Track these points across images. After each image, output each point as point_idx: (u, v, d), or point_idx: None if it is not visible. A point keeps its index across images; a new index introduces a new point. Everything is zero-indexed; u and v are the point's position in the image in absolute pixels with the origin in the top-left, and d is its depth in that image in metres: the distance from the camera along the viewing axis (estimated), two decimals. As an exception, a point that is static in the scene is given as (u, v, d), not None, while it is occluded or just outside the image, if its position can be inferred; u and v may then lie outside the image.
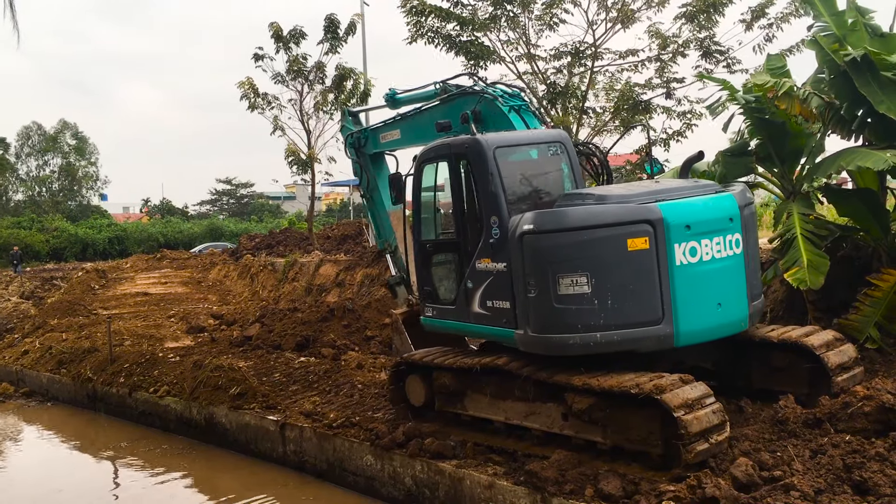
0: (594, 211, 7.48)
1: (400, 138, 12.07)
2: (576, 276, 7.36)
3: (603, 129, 20.41)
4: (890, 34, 10.61)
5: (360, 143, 12.94)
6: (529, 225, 7.63)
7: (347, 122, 13.63)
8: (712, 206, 7.87)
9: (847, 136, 10.55)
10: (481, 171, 8.34)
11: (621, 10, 19.07)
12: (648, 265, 7.35)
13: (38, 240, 54.35)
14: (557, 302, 7.45)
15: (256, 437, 11.45)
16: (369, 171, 13.07)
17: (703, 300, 7.60)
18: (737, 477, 6.51)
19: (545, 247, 7.52)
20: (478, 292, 8.45)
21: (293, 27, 26.45)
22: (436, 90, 11.38)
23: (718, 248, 7.72)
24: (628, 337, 7.38)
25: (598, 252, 7.36)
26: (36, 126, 71.75)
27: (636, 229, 7.34)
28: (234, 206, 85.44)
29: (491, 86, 10.40)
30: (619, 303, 7.35)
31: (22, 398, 17.31)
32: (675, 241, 7.39)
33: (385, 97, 13.02)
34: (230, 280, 27.74)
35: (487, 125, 9.65)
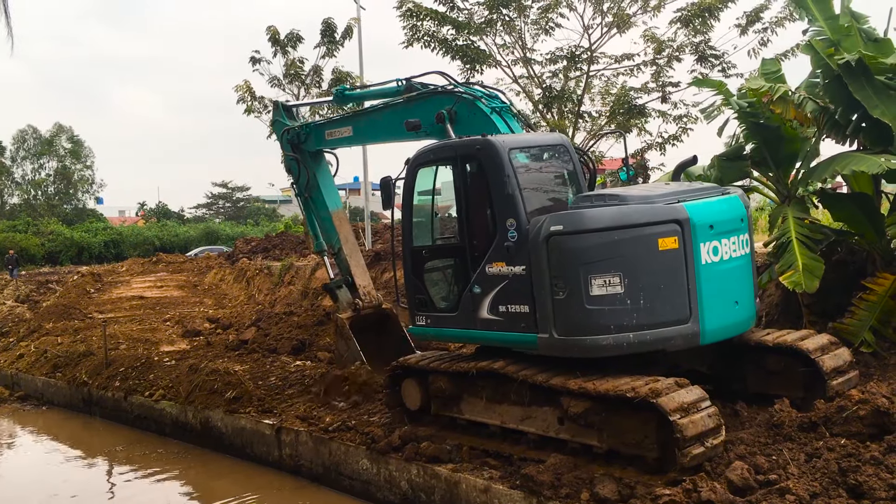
0: (625, 211, 7.50)
1: (352, 136, 11.67)
2: (609, 276, 7.36)
3: (599, 133, 20.42)
4: (884, 39, 10.64)
5: (299, 139, 12.44)
6: (558, 226, 7.54)
7: (281, 117, 13.04)
8: (727, 206, 8.04)
9: (842, 141, 10.57)
10: (496, 174, 8.16)
11: (617, 14, 19.10)
12: (677, 264, 7.42)
13: (34, 243, 54.23)
14: (590, 303, 7.40)
15: (252, 441, 11.43)
16: (309, 169, 12.54)
17: (724, 298, 7.74)
18: (732, 481, 6.52)
19: (576, 248, 7.46)
20: (487, 297, 8.30)
21: (290, 31, 26.54)
22: (398, 87, 10.96)
23: (734, 247, 7.89)
24: (660, 336, 7.42)
25: (631, 252, 7.38)
26: (31, 129, 71.57)
27: (666, 229, 7.41)
28: (230, 210, 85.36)
29: (464, 85, 10.18)
30: (651, 302, 7.39)
31: (17, 402, 17.27)
32: (701, 241, 7.50)
33: (335, 92, 12.51)
34: (226, 284, 27.71)
35: (461, 126, 9.43)
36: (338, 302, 12.96)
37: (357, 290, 12.71)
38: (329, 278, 13.32)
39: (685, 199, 7.73)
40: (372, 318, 12.72)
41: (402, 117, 10.24)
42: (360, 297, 12.65)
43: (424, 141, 10.02)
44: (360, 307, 12.53)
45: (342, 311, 12.76)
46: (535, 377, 7.84)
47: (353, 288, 12.73)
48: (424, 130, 9.96)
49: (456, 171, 8.67)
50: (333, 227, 12.69)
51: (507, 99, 10.04)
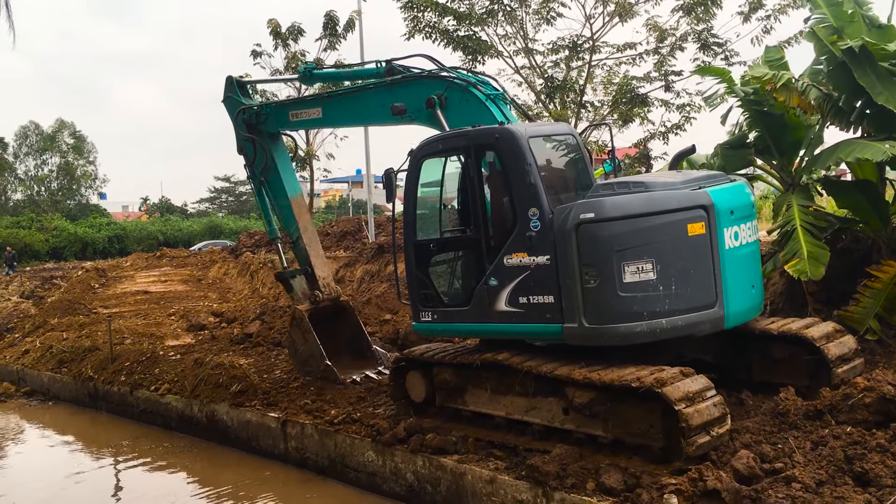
0: (654, 197, 7.51)
1: (321, 118, 11.22)
2: (642, 262, 7.36)
3: (594, 124, 20.37)
4: (888, 25, 10.59)
5: (257, 120, 11.82)
6: (588, 213, 7.48)
7: (234, 94, 12.25)
8: (741, 192, 8.13)
9: (846, 128, 10.53)
10: (517, 163, 8.02)
11: (619, 3, 19.03)
12: (705, 249, 7.48)
13: (38, 239, 54.30)
14: (623, 290, 7.38)
15: (258, 434, 11.45)
16: (267, 150, 11.89)
17: (743, 283, 7.86)
18: (738, 469, 6.52)
19: (608, 235, 7.42)
20: (506, 290, 8.18)
21: (291, 24, 26.49)
22: (378, 69, 10.65)
23: (749, 232, 8.01)
24: (690, 321, 7.46)
25: (662, 238, 7.41)
26: (34, 126, 71.65)
27: (694, 215, 7.45)
28: (233, 204, 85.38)
29: (454, 70, 9.93)
30: (682, 288, 7.43)
31: (23, 397, 17.32)
32: (724, 226, 7.58)
33: (300, 70, 11.99)
34: (230, 278, 27.72)
35: (452, 113, 9.26)
36: (292, 293, 12.55)
37: (316, 282, 12.29)
38: (283, 267, 12.88)
39: (706, 186, 7.79)
40: (329, 311, 12.40)
41: (384, 100, 9.94)
42: (320, 289, 12.25)
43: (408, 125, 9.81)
44: (318, 299, 12.16)
45: (298, 301, 12.38)
46: (540, 368, 7.84)
47: (313, 279, 12.30)
48: (409, 115, 9.68)
49: (470, 162, 8.50)
50: (292, 215, 12.19)
51: (501, 86, 9.87)
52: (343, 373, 11.76)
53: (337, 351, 12.11)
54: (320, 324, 12.10)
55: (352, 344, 12.53)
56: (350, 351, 12.48)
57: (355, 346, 12.53)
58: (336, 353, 12.06)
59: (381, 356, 12.32)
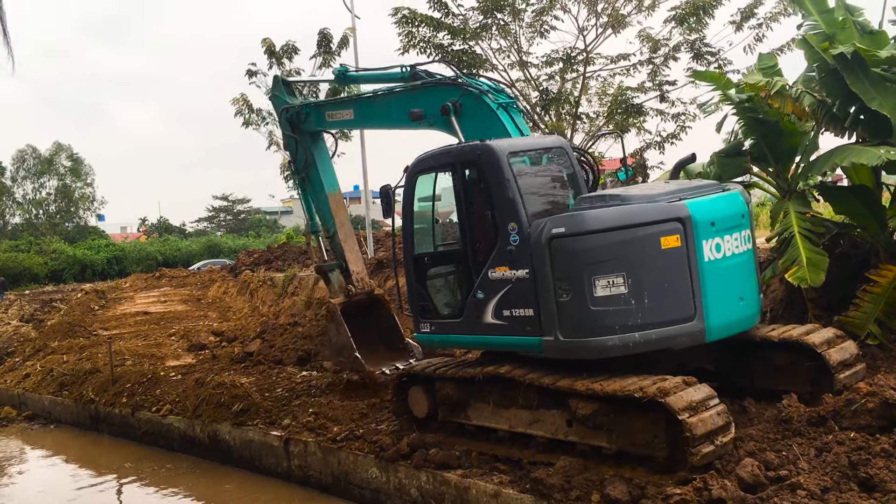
0: (626, 211, 7.50)
1: (353, 119, 11.53)
2: (612, 276, 7.37)
3: (597, 134, 20.42)
4: (879, 31, 10.64)
5: (298, 118, 12.23)
6: (560, 228, 7.55)
7: (281, 93, 12.78)
8: (728, 202, 8.04)
9: (840, 134, 10.57)
10: (496, 178, 8.17)
11: (611, 14, 19.11)
12: (680, 262, 7.43)
13: (37, 262, 54.27)
14: (594, 304, 7.41)
15: (261, 452, 11.42)
16: (307, 148, 12.34)
17: (728, 295, 7.75)
18: (743, 478, 6.51)
19: (579, 249, 7.47)
20: (491, 302, 8.29)
21: (286, 42, 26.51)
22: (402, 73, 10.84)
23: (737, 243, 7.89)
24: (665, 335, 7.42)
25: (634, 252, 7.39)
26: (31, 149, 71.67)
27: (668, 227, 7.41)
28: (231, 223, 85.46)
29: (473, 77, 10.11)
30: (655, 301, 7.39)
31: (25, 421, 17.29)
32: (703, 238, 7.51)
33: (334, 72, 12.35)
34: (230, 296, 27.68)
35: (466, 119, 9.36)
36: (330, 285, 12.85)
37: (350, 276, 12.59)
38: (323, 259, 13.19)
39: (686, 197, 7.74)
40: (363, 304, 12.62)
41: (405, 105, 10.15)
42: (353, 283, 12.54)
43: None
44: (352, 293, 12.44)
45: (334, 295, 12.66)
46: (542, 380, 7.83)
47: (347, 273, 12.62)
48: (428, 120, 9.83)
49: (456, 178, 8.68)
50: (329, 210, 12.54)
51: (514, 94, 9.96)
52: (375, 365, 11.87)
53: (371, 343, 12.27)
54: (354, 317, 12.30)
55: (385, 336, 12.69)
56: (384, 343, 12.63)
57: (389, 339, 12.68)
58: (370, 345, 12.21)
59: (414, 349, 12.44)
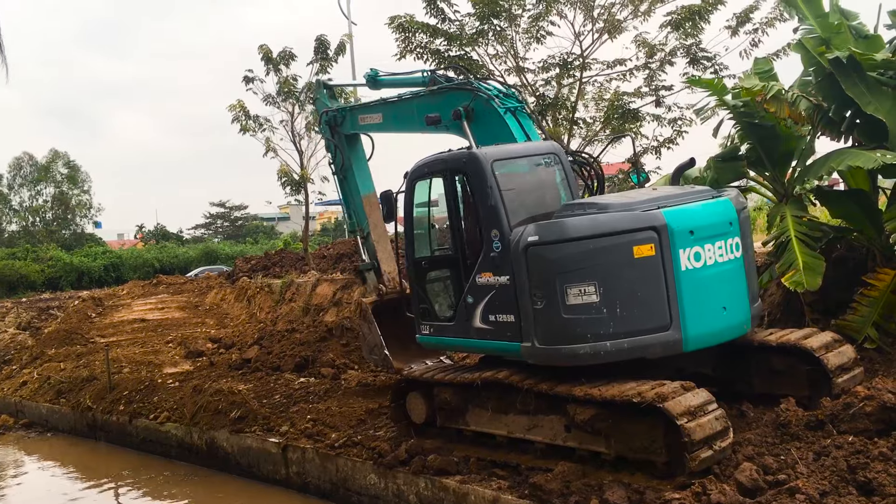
0: (599, 220, 7.52)
1: (381, 122, 11.78)
2: (584, 285, 7.38)
3: (594, 139, 20.46)
4: (874, 35, 10.69)
5: (336, 122, 12.59)
6: (534, 236, 7.62)
7: (322, 96, 13.24)
8: (712, 210, 7.97)
9: (836, 138, 10.60)
10: (480, 185, 8.31)
11: (607, 20, 19.16)
12: (655, 272, 7.40)
13: (34, 270, 54.07)
14: (566, 312, 7.45)
15: (259, 459, 11.39)
16: (344, 151, 12.73)
17: (708, 304, 7.68)
18: (741, 482, 6.51)
19: (552, 257, 7.53)
20: (479, 307, 8.40)
21: (282, 49, 26.54)
22: (423, 78, 11.15)
23: (721, 252, 7.81)
24: (638, 344, 7.41)
25: (605, 260, 7.40)
26: (27, 157, 71.53)
27: (642, 236, 7.40)
28: (228, 229, 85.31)
29: (484, 81, 10.25)
30: (628, 310, 7.39)
31: (22, 429, 17.23)
32: (680, 247, 7.47)
33: (366, 77, 12.66)
34: (227, 303, 27.62)
35: (479, 124, 9.49)
36: (366, 285, 13.26)
37: (382, 276, 12.91)
38: (361, 260, 13.56)
39: (666, 205, 7.69)
40: (395, 303, 12.76)
41: (424, 110, 10.36)
42: (385, 283, 12.84)
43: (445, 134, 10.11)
44: (383, 292, 12.75)
45: (368, 295, 13.03)
46: (540, 385, 7.83)
47: (379, 273, 12.96)
48: (444, 125, 10.04)
49: (447, 184, 8.84)
50: (364, 212, 12.92)
51: (522, 97, 10.07)
52: (405, 362, 11.95)
53: (403, 340, 12.26)
54: (387, 315, 12.49)
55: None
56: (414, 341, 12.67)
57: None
58: (402, 342, 12.25)
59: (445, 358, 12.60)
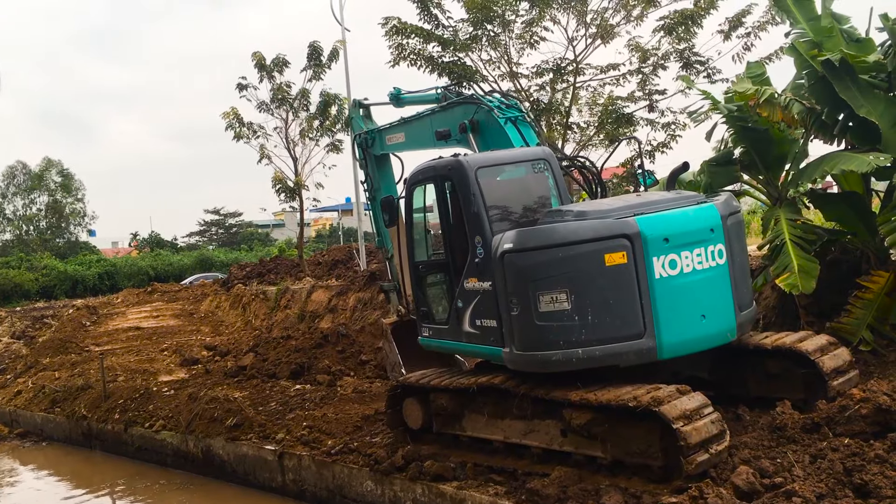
0: (571, 227, 7.53)
1: (404, 142, 12.01)
2: (555, 292, 7.44)
3: (588, 144, 20.51)
4: (866, 39, 10.72)
5: (367, 144, 12.86)
6: (509, 244, 7.70)
7: (357, 117, 13.47)
8: (692, 217, 7.85)
9: (829, 141, 10.63)
10: (465, 192, 8.42)
11: (600, 25, 19.22)
12: (627, 279, 7.39)
13: (28, 279, 53.92)
14: (539, 319, 7.51)
15: (255, 467, 11.36)
16: (373, 172, 12.99)
17: (685, 312, 7.60)
18: (738, 486, 6.51)
19: (525, 265, 7.60)
20: (467, 311, 8.51)
21: (276, 56, 26.54)
22: (437, 95, 11.33)
23: (700, 259, 7.69)
24: (610, 352, 7.41)
25: (577, 268, 7.41)
26: (21, 165, 71.40)
27: (613, 244, 7.39)
28: (223, 236, 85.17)
29: (488, 94, 10.36)
30: (600, 318, 7.40)
31: (17, 439, 17.16)
32: (654, 255, 7.43)
33: (389, 95, 12.90)
34: (222, 310, 27.59)
35: (484, 135, 9.65)
36: (389, 304, 13.48)
37: (402, 298, 12.97)
38: (388, 279, 13.73)
39: (642, 213, 7.64)
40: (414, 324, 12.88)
41: (434, 126, 10.54)
42: (405, 305, 12.91)
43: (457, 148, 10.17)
44: (402, 313, 12.91)
45: (389, 316, 13.25)
46: (536, 390, 7.83)
47: (400, 295, 13.04)
48: (454, 139, 10.20)
49: (437, 191, 8.93)
50: (388, 234, 13.08)
51: (524, 107, 10.19)
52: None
53: (422, 360, 12.40)
54: (407, 336, 12.56)
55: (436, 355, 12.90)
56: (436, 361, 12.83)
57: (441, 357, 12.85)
58: (422, 361, 12.35)
59: (463, 366, 12.61)
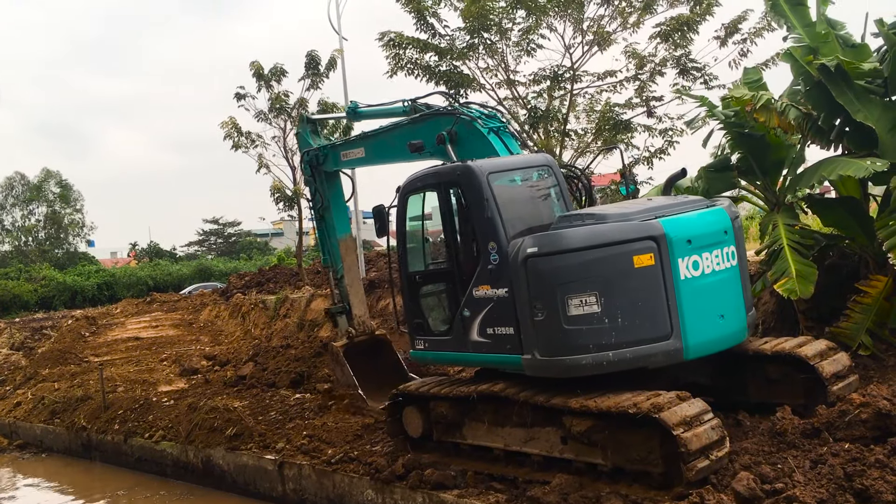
0: (598, 230, 7.52)
1: (364, 157, 11.79)
2: (584, 295, 7.38)
3: (586, 151, 20.55)
4: (861, 44, 10.77)
5: (318, 161, 12.62)
6: (534, 248, 7.60)
7: (305, 133, 13.22)
8: (708, 219, 8.01)
9: (826, 146, 10.66)
10: (476, 198, 8.29)
11: (597, 32, 19.27)
12: (655, 281, 7.42)
13: (27, 290, 53.90)
14: (567, 323, 7.43)
15: (255, 477, 11.34)
16: (323, 190, 12.78)
17: (707, 313, 7.70)
18: (739, 492, 6.50)
19: (552, 268, 7.51)
20: (476, 320, 8.37)
21: (274, 65, 26.59)
22: (404, 108, 11.19)
23: (717, 260, 7.84)
24: (640, 354, 7.41)
25: (606, 270, 7.40)
26: (19, 176, 71.46)
27: (641, 246, 7.41)
28: (222, 246, 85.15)
29: (465, 106, 10.27)
30: (629, 320, 7.39)
31: (16, 450, 17.13)
32: (679, 256, 7.50)
33: (346, 110, 12.76)
34: (221, 320, 27.55)
35: (463, 146, 9.52)
36: (338, 328, 13.43)
37: (353, 319, 13.18)
38: (333, 303, 13.75)
39: (663, 215, 7.73)
40: (366, 345, 13.20)
41: (407, 138, 10.38)
42: (355, 326, 13.14)
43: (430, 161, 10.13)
44: (353, 335, 13.00)
45: (339, 338, 13.20)
46: (536, 398, 7.83)
47: (350, 316, 13.20)
48: (428, 151, 10.08)
49: (441, 198, 8.83)
50: (339, 254, 13.08)
51: (505, 118, 10.17)
52: (380, 401, 11.97)
53: (377, 381, 12.68)
54: (359, 357, 12.84)
55: (391, 374, 13.07)
56: (389, 381, 12.85)
57: (394, 376, 12.99)
58: (377, 382, 12.63)
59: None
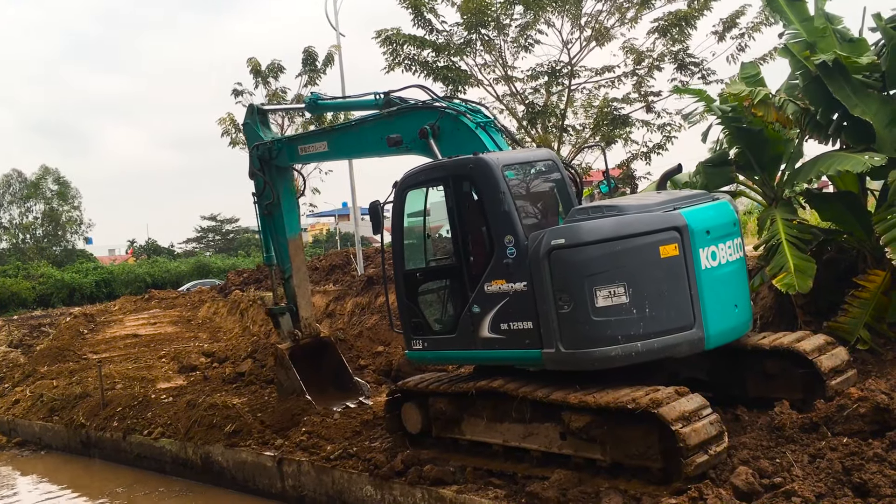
0: (625, 221, 7.52)
1: (327, 151, 11.40)
2: (613, 286, 7.37)
3: (584, 146, 20.55)
4: (859, 39, 10.76)
5: (270, 155, 12.03)
6: (559, 240, 7.53)
7: (254, 123, 12.46)
8: (720, 211, 8.12)
9: (824, 141, 10.66)
10: (491, 191, 8.16)
11: (595, 28, 19.27)
12: (679, 271, 7.47)
13: (25, 287, 53.86)
14: (596, 315, 7.40)
15: (254, 473, 11.34)
16: (274, 187, 12.20)
17: (724, 302, 7.81)
18: (738, 486, 6.52)
19: (579, 260, 7.46)
20: (488, 316, 8.26)
21: (271, 62, 26.58)
22: (376, 100, 10.87)
23: (730, 251, 7.96)
24: (667, 344, 7.44)
25: (633, 261, 7.41)
26: (16, 174, 71.34)
27: (666, 236, 7.45)
28: (220, 243, 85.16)
29: (446, 100, 10.12)
30: (656, 310, 7.42)
31: (15, 448, 17.11)
32: (700, 246, 7.56)
33: (306, 101, 12.24)
34: (220, 317, 27.54)
35: (444, 142, 9.36)
36: (279, 329, 13.12)
37: (299, 321, 12.92)
38: (275, 303, 13.50)
39: (681, 206, 7.80)
40: (311, 347, 13.02)
41: (382, 132, 10.11)
42: (301, 328, 12.88)
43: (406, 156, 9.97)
44: (298, 337, 12.78)
45: (282, 340, 13.01)
46: (535, 393, 7.82)
47: (296, 318, 12.92)
48: (406, 146, 9.81)
49: (448, 192, 8.62)
50: (287, 254, 12.64)
51: (491, 113, 10.05)
52: (326, 404, 12.12)
53: (320, 384, 12.67)
54: (303, 360, 12.63)
55: (335, 377, 13.13)
56: (334, 384, 13.08)
57: (339, 380, 13.12)
58: (320, 386, 12.61)
59: (363, 387, 12.91)
